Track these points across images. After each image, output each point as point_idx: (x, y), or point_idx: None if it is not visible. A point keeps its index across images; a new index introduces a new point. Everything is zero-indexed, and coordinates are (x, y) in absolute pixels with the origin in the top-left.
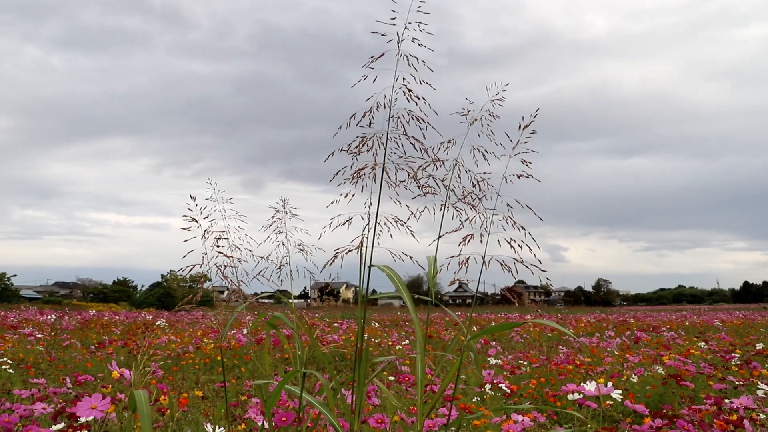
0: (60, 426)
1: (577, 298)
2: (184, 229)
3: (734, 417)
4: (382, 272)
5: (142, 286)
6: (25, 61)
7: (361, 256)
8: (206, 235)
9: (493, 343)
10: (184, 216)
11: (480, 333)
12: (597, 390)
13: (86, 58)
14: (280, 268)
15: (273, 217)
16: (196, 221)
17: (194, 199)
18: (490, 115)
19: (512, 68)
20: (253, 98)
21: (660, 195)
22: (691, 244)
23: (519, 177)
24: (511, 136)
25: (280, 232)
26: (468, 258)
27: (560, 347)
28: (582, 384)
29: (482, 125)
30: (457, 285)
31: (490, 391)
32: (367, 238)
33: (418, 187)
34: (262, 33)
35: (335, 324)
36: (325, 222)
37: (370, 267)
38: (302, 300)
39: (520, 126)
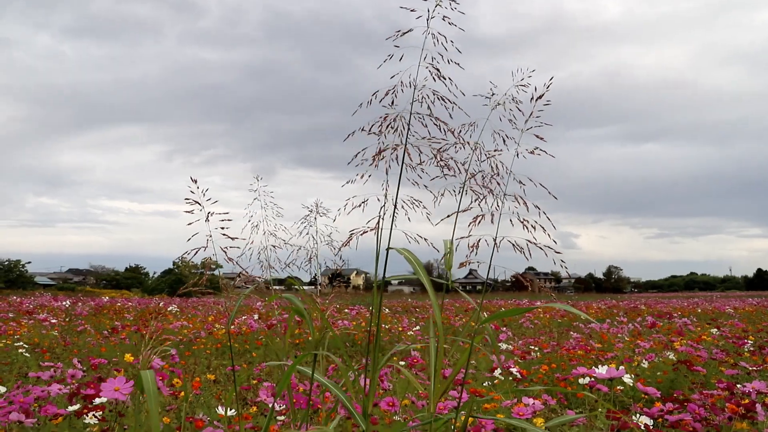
0: (76, 407)
1: (587, 285)
2: (186, 212)
3: (746, 401)
4: (400, 255)
5: (154, 273)
6: (36, 49)
7: (377, 237)
8: (210, 218)
9: (504, 328)
10: (186, 199)
11: (491, 317)
12: (608, 373)
13: (97, 46)
14: (309, 260)
15: (306, 216)
16: (199, 203)
17: (195, 181)
18: (513, 100)
19: (525, 54)
20: (263, 85)
21: (674, 181)
22: (705, 231)
23: (532, 152)
24: (522, 123)
25: (311, 226)
26: (479, 240)
27: (571, 333)
28: (593, 368)
29: (505, 110)
30: (467, 272)
31: (500, 376)
32: (383, 219)
33: (440, 167)
34: (272, 19)
35: (345, 310)
36: (338, 207)
37: (387, 249)
38: (312, 286)
39: (532, 98)
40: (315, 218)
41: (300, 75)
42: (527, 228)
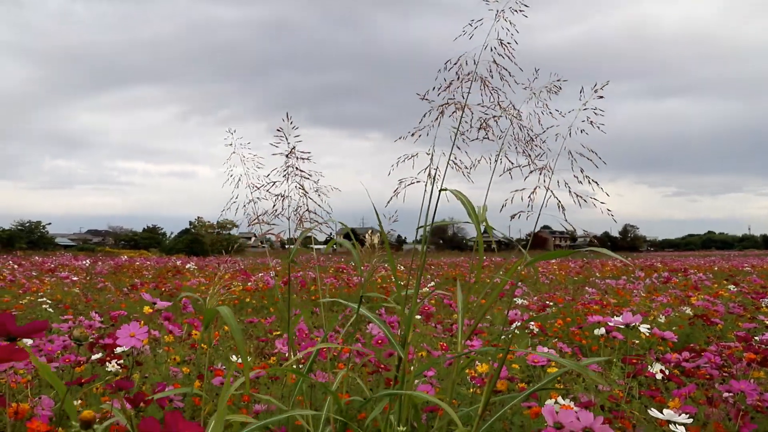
0: (98, 355)
1: (603, 243)
2: (226, 145)
3: (764, 350)
4: (456, 197)
5: (171, 233)
6: (49, 9)
7: (428, 188)
8: (244, 160)
9: (519, 284)
10: (227, 137)
11: (537, 258)
12: (624, 319)
13: (110, 5)
14: (297, 209)
15: (286, 163)
16: (235, 151)
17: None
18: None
19: (547, 7)
20: (278, 43)
21: (694, 138)
22: (724, 189)
23: (591, 123)
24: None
25: (298, 169)
26: (535, 188)
27: (586, 289)
28: (608, 317)
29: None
30: (482, 230)
31: (516, 330)
32: (432, 174)
33: (485, 131)
34: None
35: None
36: (349, 167)
37: (440, 190)
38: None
39: (595, 86)
40: (296, 164)
41: (315, 32)
42: (579, 179)
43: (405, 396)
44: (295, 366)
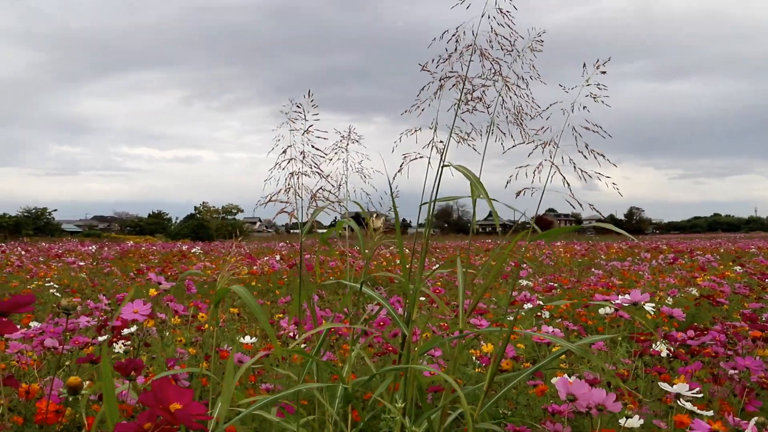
0: (105, 337)
1: None
2: (284, 112)
3: None
4: (460, 172)
5: (177, 219)
6: None
7: (431, 162)
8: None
9: (524, 265)
10: (282, 110)
11: (540, 236)
12: (632, 297)
13: None
14: (339, 187)
15: (339, 142)
16: (292, 122)
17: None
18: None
19: None
20: (282, 25)
21: (701, 120)
22: (731, 171)
23: (594, 98)
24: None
25: (343, 152)
26: (540, 164)
27: (592, 270)
28: (614, 296)
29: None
30: (487, 213)
31: (522, 311)
32: (438, 150)
33: (482, 103)
34: None
35: (366, 251)
36: (353, 151)
37: (443, 165)
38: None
39: (597, 62)
40: (347, 145)
41: (320, 14)
42: (585, 155)
43: (410, 374)
44: (303, 346)
